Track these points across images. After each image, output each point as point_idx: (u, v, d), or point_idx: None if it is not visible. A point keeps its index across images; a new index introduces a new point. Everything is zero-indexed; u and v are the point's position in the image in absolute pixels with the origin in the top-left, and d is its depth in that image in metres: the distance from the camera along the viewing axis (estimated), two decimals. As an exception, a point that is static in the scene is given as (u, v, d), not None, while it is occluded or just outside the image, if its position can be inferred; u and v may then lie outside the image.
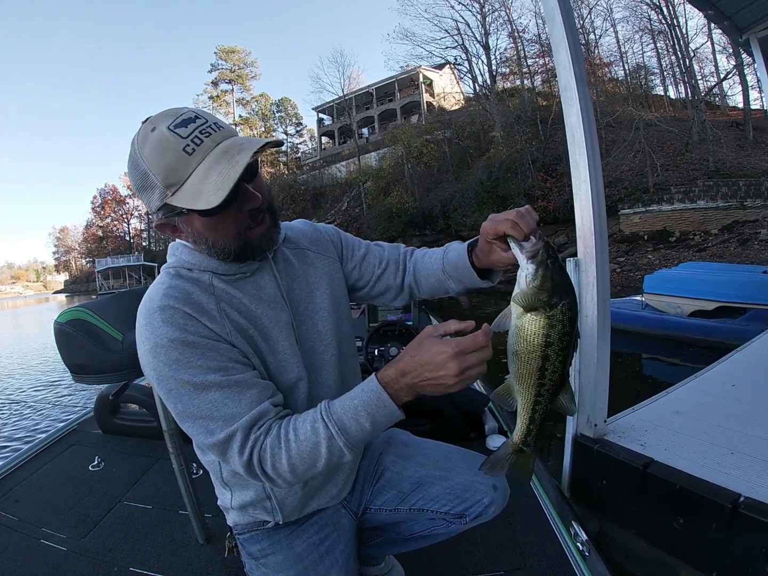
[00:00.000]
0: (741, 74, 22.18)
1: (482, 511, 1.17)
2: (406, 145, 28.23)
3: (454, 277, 1.11)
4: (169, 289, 0.88)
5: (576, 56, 2.03)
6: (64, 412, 6.38)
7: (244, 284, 0.97)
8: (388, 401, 0.82)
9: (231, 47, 50.23)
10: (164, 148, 0.79)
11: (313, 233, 1.17)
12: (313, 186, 37.90)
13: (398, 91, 37.89)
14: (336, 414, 0.84)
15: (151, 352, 0.84)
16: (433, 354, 0.78)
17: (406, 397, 0.83)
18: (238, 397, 0.85)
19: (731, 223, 15.65)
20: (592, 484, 2.21)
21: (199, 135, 0.80)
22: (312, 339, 1.05)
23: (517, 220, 0.85)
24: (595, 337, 2.04)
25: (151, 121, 0.82)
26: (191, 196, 0.80)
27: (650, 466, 1.99)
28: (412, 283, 1.21)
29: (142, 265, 49.11)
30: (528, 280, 0.79)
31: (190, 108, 0.84)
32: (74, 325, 1.70)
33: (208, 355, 0.85)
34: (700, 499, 1.83)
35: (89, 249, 69.51)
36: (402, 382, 0.82)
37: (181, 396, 0.84)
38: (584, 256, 2.02)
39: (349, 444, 0.84)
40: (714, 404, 2.66)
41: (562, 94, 2.08)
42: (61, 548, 1.92)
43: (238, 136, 0.85)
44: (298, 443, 0.83)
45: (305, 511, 1.12)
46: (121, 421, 2.97)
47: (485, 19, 28.62)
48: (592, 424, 2.18)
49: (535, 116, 25.12)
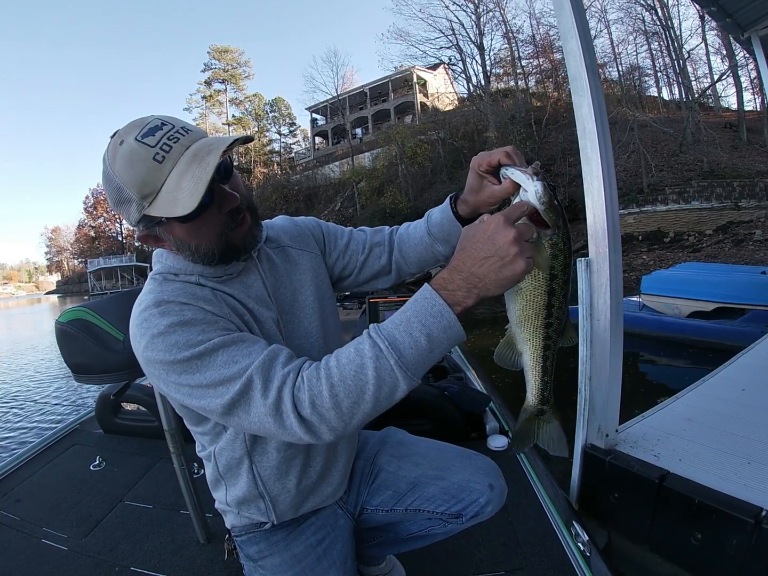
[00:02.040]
0: (735, 76, 22.36)
1: (479, 511, 1.16)
2: (400, 145, 28.28)
3: (440, 238, 1.09)
4: (160, 292, 0.87)
5: (586, 44, 1.92)
6: (65, 411, 6.40)
7: (231, 284, 0.95)
8: (444, 308, 0.72)
9: (224, 47, 50.01)
10: (134, 159, 0.78)
11: (293, 229, 1.15)
12: (307, 186, 37.80)
13: (392, 91, 37.87)
14: (386, 330, 0.74)
15: (150, 345, 0.80)
16: (483, 230, 0.71)
17: (466, 298, 0.72)
18: (247, 351, 0.80)
19: (726, 224, 15.71)
20: (603, 497, 2.10)
21: (167, 142, 0.78)
22: (299, 337, 1.03)
23: (509, 151, 0.85)
24: (608, 342, 1.93)
25: (119, 135, 0.80)
26: (167, 204, 0.78)
27: (666, 478, 1.89)
28: (398, 258, 1.18)
29: (134, 266, 48.72)
30: (538, 195, 0.74)
31: (155, 116, 0.83)
32: (75, 325, 1.69)
33: (208, 329, 0.81)
34: (720, 514, 1.74)
35: (81, 249, 68.85)
36: (457, 279, 0.72)
37: (191, 376, 0.79)
38: (596, 256, 1.90)
39: (403, 365, 0.72)
40: (725, 410, 2.58)
41: (572, 84, 1.96)
42: (62, 548, 1.92)
43: (207, 137, 0.84)
44: (340, 368, 0.74)
45: (300, 511, 1.10)
46: (122, 421, 2.97)
47: (480, 20, 28.78)
48: (603, 434, 2.07)
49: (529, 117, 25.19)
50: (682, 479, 1.88)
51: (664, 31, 24.77)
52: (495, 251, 0.69)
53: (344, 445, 1.13)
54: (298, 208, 35.00)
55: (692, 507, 1.80)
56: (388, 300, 3.29)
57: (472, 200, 0.99)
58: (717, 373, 3.30)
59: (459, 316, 0.73)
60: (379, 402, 0.74)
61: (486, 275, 0.70)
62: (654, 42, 26.74)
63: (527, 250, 0.70)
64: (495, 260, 0.69)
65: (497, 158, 0.86)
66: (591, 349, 1.99)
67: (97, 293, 46.32)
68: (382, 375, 0.72)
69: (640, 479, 1.95)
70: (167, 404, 1.73)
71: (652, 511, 1.94)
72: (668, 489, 1.87)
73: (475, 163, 0.92)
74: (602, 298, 1.92)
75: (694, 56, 25.92)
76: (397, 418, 1.28)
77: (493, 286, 0.71)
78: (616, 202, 1.90)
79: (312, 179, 38.17)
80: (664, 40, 25.67)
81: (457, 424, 2.53)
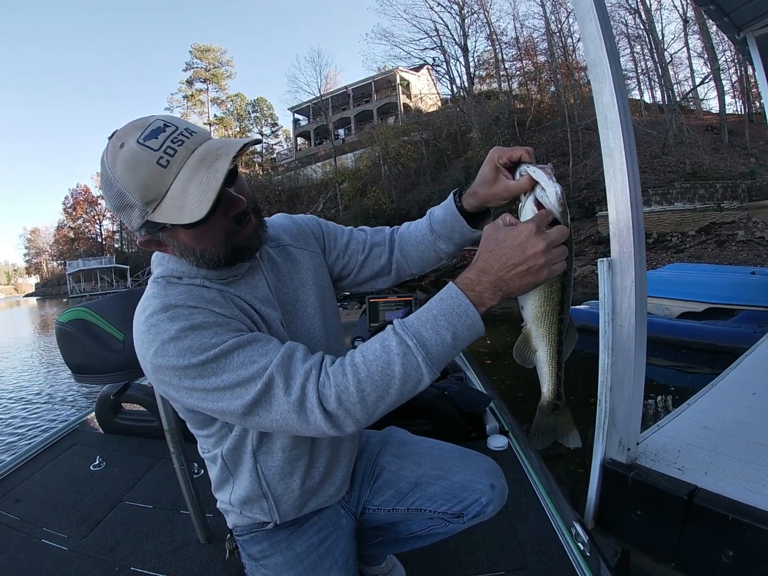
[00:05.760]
0: (717, 79, 22.65)
1: (480, 511, 1.16)
2: (384, 146, 28.23)
3: (443, 235, 1.08)
4: (166, 296, 0.84)
5: (606, 27, 1.78)
6: (66, 411, 6.43)
7: (237, 286, 0.93)
8: (469, 308, 0.75)
9: (206, 45, 49.54)
10: (137, 164, 0.74)
11: (294, 227, 1.13)
12: (288, 187, 37.68)
13: (375, 92, 37.92)
14: (412, 326, 0.76)
15: (160, 352, 0.78)
16: (513, 237, 0.74)
17: (491, 300, 0.76)
18: (264, 350, 0.79)
19: (708, 225, 15.85)
20: (624, 516, 1.96)
21: (171, 145, 0.75)
22: (301, 338, 1.00)
23: (530, 151, 0.88)
24: (632, 351, 1.79)
25: (118, 136, 0.77)
26: (173, 211, 0.75)
27: (695, 494, 1.76)
28: (399, 257, 1.16)
29: (114, 268, 47.94)
30: (558, 197, 0.76)
31: (157, 116, 0.79)
32: (75, 324, 1.67)
33: (221, 331, 0.80)
34: (754, 530, 1.63)
35: (61, 251, 67.73)
36: (484, 281, 0.75)
37: (206, 380, 0.77)
38: (620, 257, 1.75)
39: (429, 361, 0.74)
40: (740, 417, 2.48)
41: (591, 71, 1.83)
42: (62, 548, 1.91)
43: (213, 140, 0.81)
44: (367, 364, 0.75)
45: (303, 511, 1.09)
46: (122, 421, 2.96)
47: (464, 21, 28.82)
48: (625, 448, 1.92)
49: (513, 119, 25.33)
50: (712, 495, 1.77)
51: (647, 34, 25.06)
52: (525, 260, 0.72)
53: (347, 445, 1.13)
54: (280, 209, 34.32)
55: (725, 524, 1.69)
56: (388, 300, 3.31)
57: (482, 193, 0.98)
58: (724, 377, 3.23)
59: (482, 315, 0.76)
60: (403, 395, 0.76)
61: (512, 280, 0.74)
62: (637, 45, 27.00)
63: (555, 259, 0.74)
64: (524, 268, 0.73)
65: (519, 154, 0.88)
66: (612, 357, 1.85)
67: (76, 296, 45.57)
68: (409, 371, 0.74)
69: (668, 496, 1.82)
70: (167, 404, 1.70)
71: (679, 528, 1.81)
72: (698, 506, 1.75)
73: (494, 155, 0.92)
74: (626, 301, 1.77)
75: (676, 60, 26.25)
76: (397, 418, 1.25)
77: (517, 290, 0.75)
78: (640, 197, 1.77)
79: (294, 180, 38.10)
80: (647, 44, 25.96)
81: (457, 424, 2.52)
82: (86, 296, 40.99)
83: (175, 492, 2.05)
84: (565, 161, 21.43)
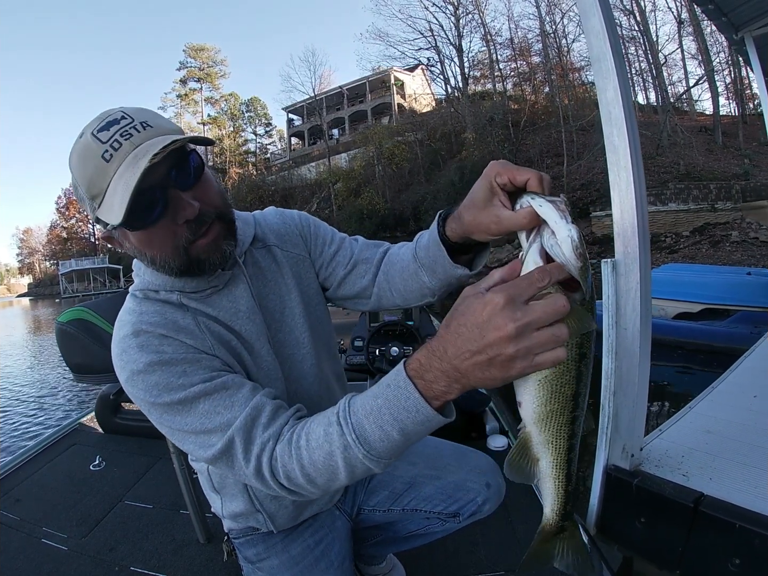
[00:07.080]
0: (711, 81, 22.76)
1: (476, 510, 1.16)
2: (378, 146, 28.21)
3: (426, 264, 0.89)
4: (141, 315, 0.82)
5: (609, 23, 1.73)
6: (66, 411, 6.49)
7: (218, 299, 0.88)
8: (419, 402, 0.59)
9: (200, 45, 49.47)
10: (86, 156, 0.71)
11: (281, 226, 1.06)
12: (282, 187, 37.65)
13: (369, 92, 37.91)
14: (356, 415, 0.66)
15: (130, 381, 0.77)
16: (474, 311, 0.53)
17: (445, 393, 0.58)
18: (230, 401, 0.76)
19: (702, 225, 15.97)
20: (628, 523, 1.90)
21: (118, 138, 0.69)
22: (290, 347, 0.98)
23: (543, 178, 0.64)
24: (637, 354, 1.73)
25: (84, 127, 0.73)
26: (106, 210, 0.72)
27: (702, 502, 1.71)
28: (382, 282, 1.01)
29: (107, 268, 47.80)
30: (574, 246, 0.53)
31: (122, 107, 0.74)
32: (75, 324, 1.70)
33: (189, 370, 0.77)
34: (763, 539, 1.57)
35: (53, 251, 67.60)
36: (436, 367, 0.57)
37: (172, 418, 0.77)
38: (624, 257, 1.70)
39: (374, 456, 0.65)
40: (742, 420, 2.43)
41: (594, 67, 1.77)
42: (62, 548, 1.93)
43: (162, 137, 0.71)
44: (309, 451, 0.69)
45: (299, 520, 1.10)
46: (122, 421, 2.99)
47: (459, 22, 28.84)
48: (628, 454, 1.87)
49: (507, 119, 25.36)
50: (718, 502, 1.71)
51: (642, 35, 25.14)
52: (483, 347, 0.52)
53: None
54: (274, 209, 34.76)
55: (732, 532, 1.64)
56: None
57: (468, 219, 0.76)
58: (724, 379, 3.18)
59: (440, 409, 0.60)
60: (356, 477, 0.71)
61: (470, 372, 0.54)
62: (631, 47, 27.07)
63: (536, 347, 0.51)
64: (482, 358, 0.53)
65: (527, 178, 0.64)
66: (616, 362, 1.80)
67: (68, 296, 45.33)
68: (353, 463, 0.67)
69: (673, 503, 1.77)
70: None
71: (685, 536, 1.76)
72: (704, 513, 1.70)
73: (493, 171, 0.69)
74: (630, 304, 1.72)
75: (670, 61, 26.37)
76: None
77: (481, 384, 0.56)
78: (645, 196, 1.72)
79: (288, 180, 38.10)
80: (641, 45, 26.06)
81: (457, 424, 2.41)
82: (79, 296, 40.85)
83: (174, 492, 2.06)
84: (559, 162, 21.51)
